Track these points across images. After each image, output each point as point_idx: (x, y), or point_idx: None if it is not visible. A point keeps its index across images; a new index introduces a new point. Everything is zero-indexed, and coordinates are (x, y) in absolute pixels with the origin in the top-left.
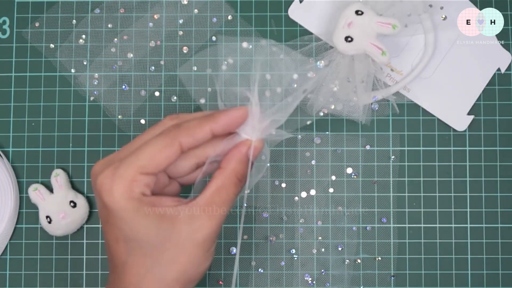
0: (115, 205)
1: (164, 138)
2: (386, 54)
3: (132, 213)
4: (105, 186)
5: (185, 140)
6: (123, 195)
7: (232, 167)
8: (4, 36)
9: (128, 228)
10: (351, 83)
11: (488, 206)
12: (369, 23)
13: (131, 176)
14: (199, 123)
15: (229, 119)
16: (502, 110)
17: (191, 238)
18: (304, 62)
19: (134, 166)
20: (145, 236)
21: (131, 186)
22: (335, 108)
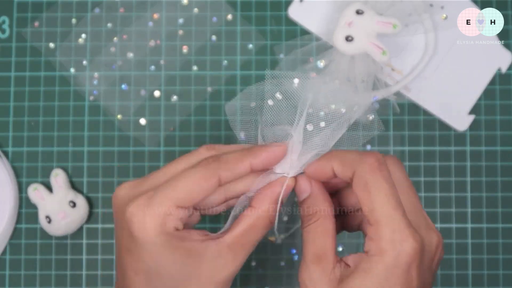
0: (145, 238)
1: (203, 170)
2: (387, 53)
3: (161, 247)
4: (138, 217)
5: (224, 174)
6: (156, 229)
7: (265, 209)
8: (4, 35)
9: (153, 261)
10: (351, 83)
11: (488, 206)
12: (369, 23)
13: (166, 209)
14: (239, 157)
15: (270, 155)
16: (503, 110)
17: (214, 277)
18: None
19: (171, 198)
20: (168, 271)
21: (165, 220)
22: (335, 108)
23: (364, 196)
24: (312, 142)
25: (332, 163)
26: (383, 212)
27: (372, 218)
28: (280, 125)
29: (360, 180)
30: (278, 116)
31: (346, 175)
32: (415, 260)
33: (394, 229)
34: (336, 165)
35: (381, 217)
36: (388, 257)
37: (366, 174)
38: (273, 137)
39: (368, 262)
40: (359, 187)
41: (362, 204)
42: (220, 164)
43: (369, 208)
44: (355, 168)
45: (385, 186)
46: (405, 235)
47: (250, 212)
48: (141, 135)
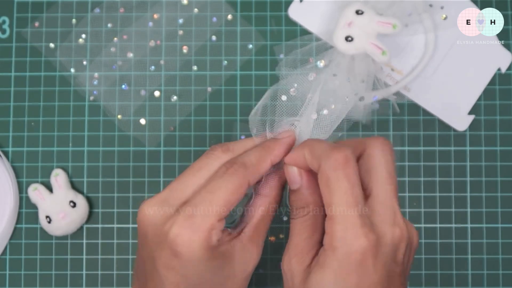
0: (193, 256)
1: (235, 180)
2: (387, 53)
3: (206, 261)
4: (183, 237)
5: (253, 178)
6: (203, 245)
7: (275, 194)
8: (4, 35)
9: (196, 274)
10: (351, 83)
11: (488, 206)
12: (369, 23)
13: (210, 226)
14: (261, 158)
15: (285, 148)
16: (503, 110)
17: (244, 271)
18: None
19: (212, 214)
20: (210, 279)
21: (210, 235)
22: (335, 108)
23: (324, 190)
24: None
25: (304, 152)
26: (339, 209)
27: (329, 213)
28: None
29: (323, 175)
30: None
31: (314, 166)
32: (368, 256)
33: (347, 227)
34: (306, 154)
35: (336, 213)
36: (339, 254)
37: (329, 169)
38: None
39: (324, 256)
40: (321, 181)
41: (323, 198)
42: (247, 170)
43: (327, 203)
44: (321, 161)
45: (345, 185)
46: (357, 234)
47: (261, 201)
48: (141, 135)
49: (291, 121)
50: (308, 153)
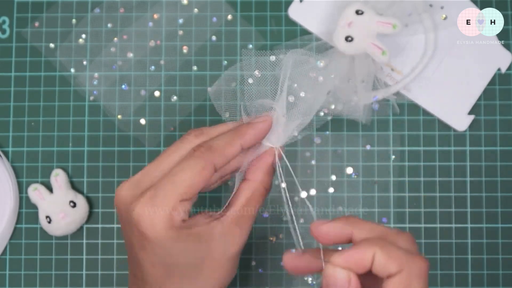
0: (156, 235)
1: (199, 161)
2: (387, 53)
3: (172, 241)
4: (145, 217)
5: (218, 161)
6: (165, 226)
7: (260, 179)
8: (4, 35)
9: (168, 255)
10: (351, 83)
11: (488, 206)
12: (369, 23)
13: (172, 205)
14: (229, 141)
15: (257, 132)
16: (503, 110)
17: (226, 253)
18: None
19: (174, 194)
20: (184, 259)
21: (172, 215)
22: (335, 108)
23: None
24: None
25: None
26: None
27: None
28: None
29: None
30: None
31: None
32: None
33: None
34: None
35: None
36: None
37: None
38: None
39: None
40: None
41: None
42: (213, 153)
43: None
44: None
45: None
46: None
47: (246, 185)
48: (141, 135)
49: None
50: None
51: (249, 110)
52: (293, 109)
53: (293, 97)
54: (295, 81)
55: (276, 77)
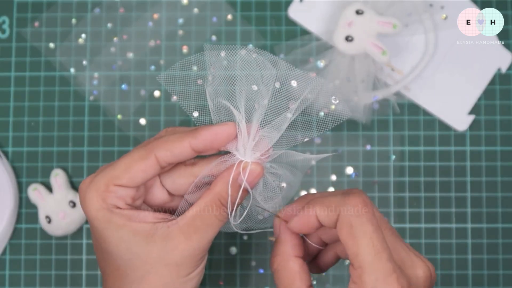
0: (89, 214)
1: (140, 150)
2: (387, 53)
3: (103, 223)
4: (82, 194)
5: (162, 154)
6: (95, 205)
7: (216, 191)
8: (4, 35)
9: (100, 237)
10: (351, 83)
11: (488, 206)
12: (369, 23)
13: (104, 186)
14: (178, 138)
15: (211, 135)
16: (503, 110)
17: (163, 258)
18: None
19: (108, 176)
20: (116, 250)
21: (103, 196)
22: (335, 108)
23: (348, 240)
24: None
25: (316, 209)
26: (367, 258)
27: (356, 263)
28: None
29: (344, 224)
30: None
31: (331, 219)
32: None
33: (377, 277)
34: (319, 210)
35: (365, 263)
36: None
37: (350, 216)
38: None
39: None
40: (343, 230)
41: (347, 248)
42: (157, 144)
43: (353, 252)
44: (340, 210)
45: (370, 229)
46: (389, 282)
47: (205, 194)
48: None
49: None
50: (321, 209)
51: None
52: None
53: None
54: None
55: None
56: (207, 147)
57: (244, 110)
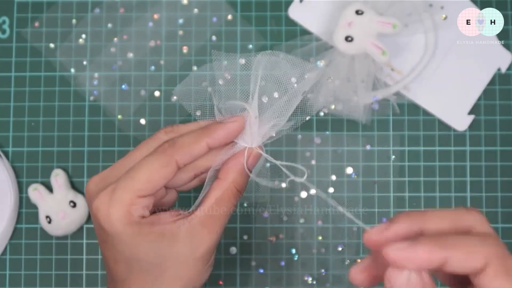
0: (114, 230)
1: (159, 157)
2: (386, 53)
3: (131, 237)
4: (102, 212)
5: (181, 158)
6: (121, 221)
7: (231, 179)
8: (4, 36)
9: (128, 250)
10: (351, 83)
11: (488, 206)
12: (369, 23)
13: (128, 200)
14: (195, 139)
15: (226, 132)
16: (503, 110)
17: (192, 253)
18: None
19: (131, 190)
20: (145, 257)
21: (130, 211)
22: (335, 108)
23: None
24: (269, 112)
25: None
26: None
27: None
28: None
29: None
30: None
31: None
32: None
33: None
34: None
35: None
36: None
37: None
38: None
39: None
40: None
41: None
42: (175, 149)
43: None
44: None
45: None
46: None
47: (217, 185)
48: (141, 135)
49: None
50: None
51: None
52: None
53: (266, 98)
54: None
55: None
56: (222, 143)
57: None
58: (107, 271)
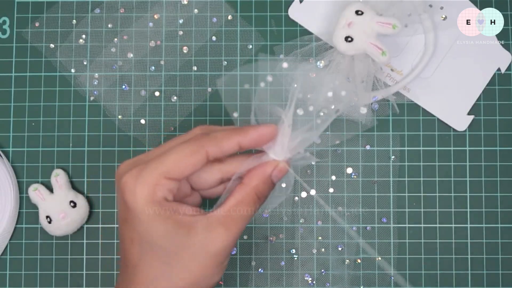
0: (136, 206)
1: (191, 145)
2: (386, 54)
3: (151, 216)
4: (129, 186)
5: (212, 150)
6: (145, 198)
7: (254, 185)
8: (4, 36)
9: (145, 230)
10: (351, 83)
11: (488, 206)
12: (369, 23)
13: (155, 179)
14: (227, 134)
15: (258, 134)
16: (502, 110)
17: (206, 248)
18: (305, 62)
19: (159, 170)
20: (160, 241)
21: (154, 190)
22: (335, 108)
23: None
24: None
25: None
26: None
27: None
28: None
29: None
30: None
31: None
32: None
33: None
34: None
35: None
36: None
37: None
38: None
39: None
40: None
41: None
42: (208, 139)
43: None
44: None
45: None
46: None
47: (240, 188)
48: (141, 135)
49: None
50: None
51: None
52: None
53: (302, 110)
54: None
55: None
56: (253, 145)
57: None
58: (121, 256)
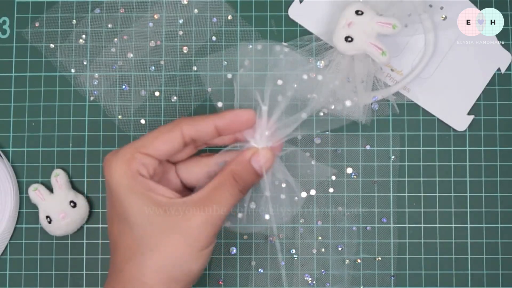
0: (111, 180)
1: (167, 124)
2: (386, 54)
3: (126, 190)
4: (107, 163)
5: (187, 128)
6: (119, 171)
7: (230, 168)
8: (4, 36)
9: (121, 206)
10: (351, 83)
11: (488, 206)
12: (369, 23)
13: (129, 154)
14: (204, 116)
15: (234, 115)
16: (502, 110)
17: (180, 230)
18: (304, 62)
19: (134, 145)
20: (134, 218)
21: (129, 163)
22: (335, 108)
23: None
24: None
25: None
26: None
27: None
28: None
29: None
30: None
31: None
32: None
33: None
34: None
35: None
36: None
37: None
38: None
39: None
40: None
41: None
42: (184, 119)
43: None
44: None
45: None
46: None
47: (219, 174)
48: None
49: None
50: None
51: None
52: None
53: (281, 97)
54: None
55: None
56: (229, 127)
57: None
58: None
